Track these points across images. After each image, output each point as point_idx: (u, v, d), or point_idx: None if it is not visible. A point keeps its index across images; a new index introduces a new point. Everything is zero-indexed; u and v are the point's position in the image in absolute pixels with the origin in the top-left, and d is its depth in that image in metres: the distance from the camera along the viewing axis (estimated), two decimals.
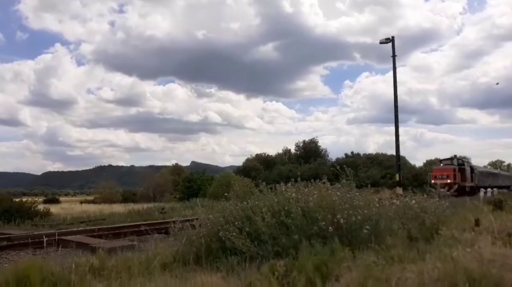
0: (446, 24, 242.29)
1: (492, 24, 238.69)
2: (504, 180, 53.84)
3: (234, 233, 5.49)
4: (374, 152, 72.00)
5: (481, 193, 28.27)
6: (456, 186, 29.42)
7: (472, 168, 38.15)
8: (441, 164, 35.48)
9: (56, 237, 9.65)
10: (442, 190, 10.23)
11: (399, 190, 19.60)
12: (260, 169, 62.10)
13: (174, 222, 6.95)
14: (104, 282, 4.53)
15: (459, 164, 34.69)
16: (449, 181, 30.40)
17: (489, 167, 67.08)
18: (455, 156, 36.47)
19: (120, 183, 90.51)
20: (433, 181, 29.30)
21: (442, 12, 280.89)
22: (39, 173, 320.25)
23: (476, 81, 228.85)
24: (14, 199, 21.23)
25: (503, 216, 9.88)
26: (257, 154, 69.68)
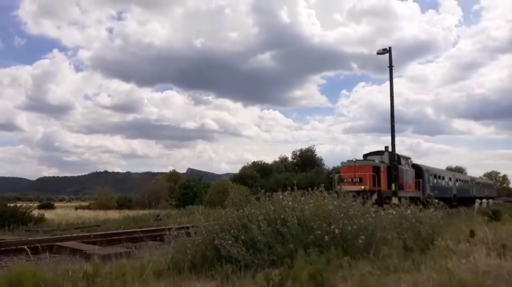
0: (442, 36, 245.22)
1: (488, 36, 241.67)
2: (481, 190, 42.78)
3: (229, 241, 5.47)
4: None
5: (476, 204, 28.07)
6: (375, 196, 19.04)
7: (420, 170, 26.11)
8: (354, 160, 21.36)
9: (50, 243, 9.58)
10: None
11: (395, 200, 19.58)
12: (257, 177, 61.98)
13: (169, 229, 6.92)
14: None
15: (390, 161, 22.33)
16: (363, 187, 19.24)
17: (484, 177, 65.54)
18: (386, 148, 22.75)
19: (116, 189, 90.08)
20: (338, 188, 19.17)
21: (438, 24, 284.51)
22: (34, 178, 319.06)
23: (471, 92, 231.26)
24: (8, 204, 21.05)
25: (498, 227, 9.91)
26: (253, 162, 69.51)
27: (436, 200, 7.92)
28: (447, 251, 5.99)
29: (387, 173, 21.41)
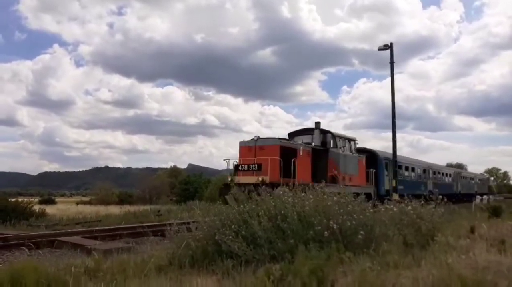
0: (444, 32, 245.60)
1: (489, 32, 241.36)
2: (469, 185, 37.21)
3: (230, 237, 5.49)
4: None
5: (477, 200, 27.86)
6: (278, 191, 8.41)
7: (374, 157, 20.43)
8: (256, 138, 14.54)
9: (52, 238, 9.61)
10: None
11: (396, 196, 19.61)
12: None
13: (170, 224, 6.95)
14: (99, 283, 4.52)
15: (323, 142, 16.49)
16: (261, 178, 13.04)
17: (485, 174, 64.83)
18: (317, 124, 16.78)
19: (117, 185, 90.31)
20: (229, 180, 13.77)
21: (439, 20, 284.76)
22: (35, 174, 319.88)
23: (472, 88, 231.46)
24: (9, 199, 21.14)
25: (499, 223, 9.93)
26: None
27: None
28: (447, 247, 6.01)
29: (311, 159, 15.35)
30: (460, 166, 64.48)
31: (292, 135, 17.53)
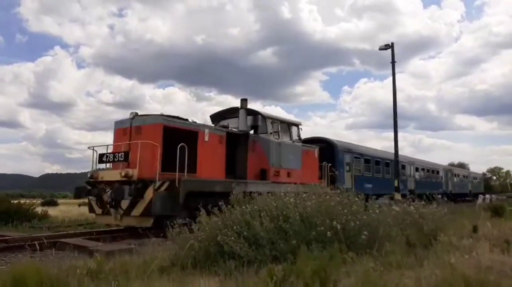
0: (445, 32, 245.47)
1: (490, 32, 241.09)
2: (462, 184, 33.67)
3: (232, 238, 5.49)
4: None
5: (479, 200, 27.70)
6: (150, 193, 9.42)
7: (331, 148, 17.38)
8: (132, 116, 10.29)
9: (54, 240, 9.62)
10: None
11: (398, 196, 19.56)
12: None
13: (172, 225, 6.94)
14: (101, 285, 4.52)
15: (253, 127, 13.36)
16: (124, 173, 9.41)
17: (487, 173, 64.42)
18: (242, 103, 13.26)
19: None
20: (89, 177, 11.33)
21: (440, 20, 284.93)
22: (38, 175, 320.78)
23: (474, 88, 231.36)
24: (12, 201, 21.16)
25: (501, 223, 9.91)
26: None
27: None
28: (450, 246, 6.00)
29: (227, 147, 11.79)
30: (462, 165, 64.26)
31: (215, 118, 14.31)
